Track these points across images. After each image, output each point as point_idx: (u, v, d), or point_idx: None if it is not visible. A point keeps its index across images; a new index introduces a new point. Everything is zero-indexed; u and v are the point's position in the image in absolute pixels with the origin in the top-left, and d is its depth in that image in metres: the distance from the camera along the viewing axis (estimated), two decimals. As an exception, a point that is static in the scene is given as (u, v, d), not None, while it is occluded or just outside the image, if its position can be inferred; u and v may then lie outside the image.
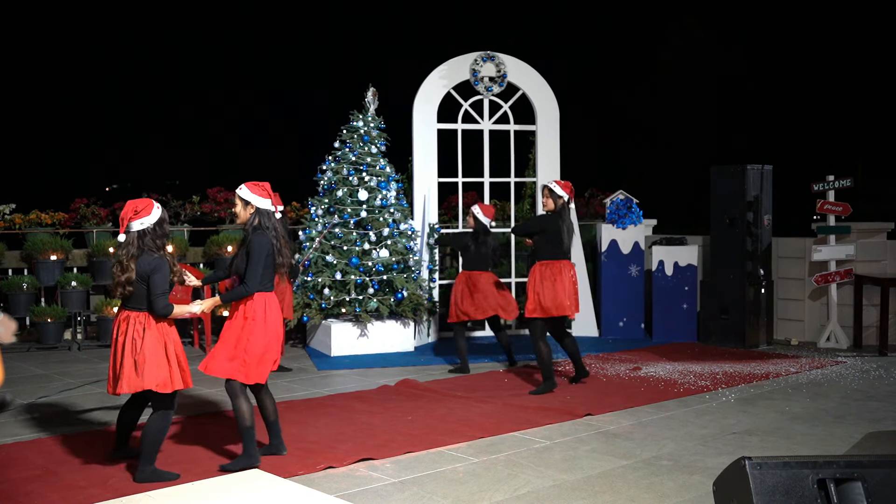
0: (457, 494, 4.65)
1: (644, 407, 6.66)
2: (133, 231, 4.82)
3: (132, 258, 4.78)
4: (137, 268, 4.76)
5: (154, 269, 4.77)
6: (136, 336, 4.77)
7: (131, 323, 4.80)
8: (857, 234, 9.71)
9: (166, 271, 4.83)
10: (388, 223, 9.14)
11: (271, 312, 5.09)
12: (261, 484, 4.08)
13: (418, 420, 6.22)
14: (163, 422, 4.91)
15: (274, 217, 5.15)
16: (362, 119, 9.42)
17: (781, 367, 8.19)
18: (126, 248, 4.81)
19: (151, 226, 4.84)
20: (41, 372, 8.14)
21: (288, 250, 5.23)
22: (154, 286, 4.75)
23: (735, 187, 9.50)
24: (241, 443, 5.14)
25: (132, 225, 4.83)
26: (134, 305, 4.83)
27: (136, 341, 4.76)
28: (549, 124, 10.40)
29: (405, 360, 8.67)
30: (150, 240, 4.82)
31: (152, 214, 4.85)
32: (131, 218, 4.84)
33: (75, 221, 10.44)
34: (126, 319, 4.83)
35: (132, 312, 4.83)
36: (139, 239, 4.81)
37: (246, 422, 5.04)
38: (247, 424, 5.04)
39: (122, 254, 4.81)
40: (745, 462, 2.68)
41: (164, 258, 4.85)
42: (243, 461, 5.00)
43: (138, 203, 4.88)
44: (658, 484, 4.81)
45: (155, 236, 4.85)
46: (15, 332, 3.81)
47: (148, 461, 4.85)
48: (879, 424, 6.12)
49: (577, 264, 10.19)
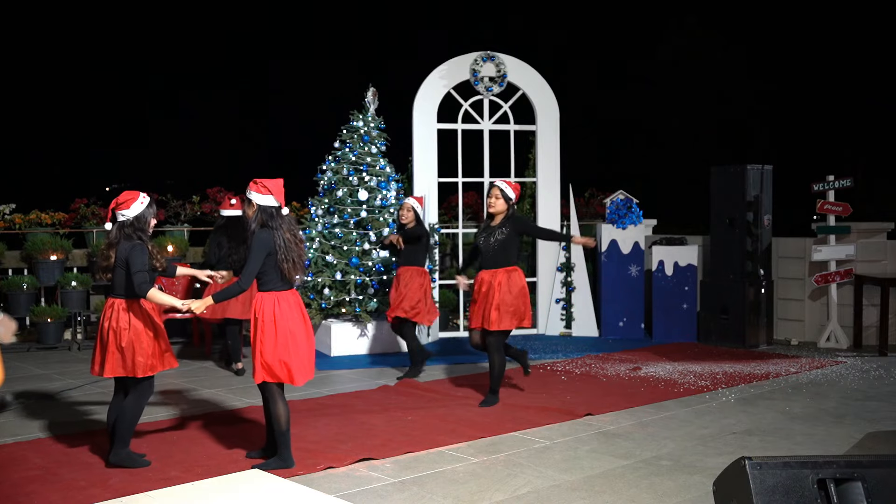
0: (457, 494, 4.65)
1: (644, 407, 6.66)
2: (117, 221, 5.13)
3: (111, 246, 5.09)
4: (116, 254, 5.05)
5: (130, 251, 5.00)
6: (121, 323, 5.02)
7: (115, 309, 5.07)
8: (857, 234, 9.71)
9: (144, 253, 5.02)
10: (388, 223, 9.14)
11: (283, 312, 4.97)
12: (261, 484, 4.08)
13: (418, 420, 6.22)
14: (140, 403, 5.14)
15: (282, 215, 5.05)
16: (362, 119, 9.42)
17: (781, 367, 8.19)
18: (107, 237, 5.16)
19: (131, 218, 5.10)
20: (41, 372, 8.14)
21: (300, 250, 5.10)
22: (132, 265, 4.97)
23: (735, 187, 9.51)
24: (240, 442, 5.13)
25: (116, 215, 5.13)
26: (117, 292, 5.10)
27: (122, 330, 5.01)
28: (549, 124, 10.40)
29: (405, 361, 8.67)
30: (129, 230, 5.08)
31: (132, 208, 5.11)
32: (115, 209, 5.14)
33: (75, 221, 10.44)
34: (111, 306, 5.10)
35: (116, 299, 5.10)
36: (119, 229, 5.10)
37: (281, 426, 5.02)
38: (282, 429, 5.02)
39: (104, 242, 5.19)
40: (745, 462, 2.68)
41: (142, 244, 5.06)
42: (276, 463, 5.02)
43: (124, 195, 5.16)
44: (658, 484, 4.81)
45: (134, 228, 5.09)
46: (15, 332, 3.82)
47: (123, 443, 5.06)
48: (879, 424, 6.12)
49: (577, 264, 10.24)
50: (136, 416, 5.14)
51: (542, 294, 10.38)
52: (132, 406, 5.10)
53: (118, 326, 5.01)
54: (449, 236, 11.00)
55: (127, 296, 5.06)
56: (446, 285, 10.58)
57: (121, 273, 5.04)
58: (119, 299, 5.08)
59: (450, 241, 11.18)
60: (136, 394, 5.11)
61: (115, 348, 5.01)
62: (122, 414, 5.08)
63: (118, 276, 5.06)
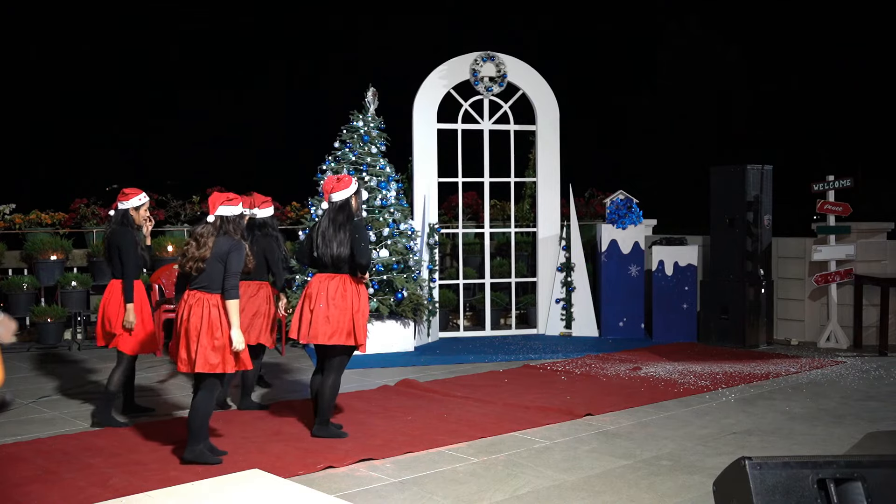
0: (457, 494, 4.65)
1: (644, 407, 6.67)
2: (218, 215, 5.15)
3: (210, 235, 5.11)
4: (214, 248, 5.07)
5: (233, 249, 5.08)
6: (213, 319, 5.02)
7: (206, 304, 5.05)
8: (857, 234, 9.71)
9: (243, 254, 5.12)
10: (388, 223, 9.14)
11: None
12: (261, 484, 4.08)
13: (418, 420, 6.22)
14: (212, 398, 5.19)
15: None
16: (362, 119, 9.42)
17: (781, 367, 8.19)
18: (205, 228, 5.15)
19: (234, 216, 5.19)
20: (41, 372, 8.14)
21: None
22: (231, 265, 5.06)
23: (735, 187, 9.51)
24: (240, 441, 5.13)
25: (220, 209, 5.15)
26: (205, 286, 5.08)
27: (215, 325, 5.02)
28: (549, 124, 10.40)
29: (405, 360, 8.67)
30: (231, 227, 5.17)
31: (238, 207, 5.19)
32: (223, 203, 5.17)
33: (75, 221, 10.44)
34: (200, 301, 5.07)
35: (204, 294, 5.08)
36: (222, 224, 5.15)
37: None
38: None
39: (200, 232, 5.16)
40: (745, 462, 2.68)
41: (243, 246, 5.15)
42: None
43: (229, 194, 5.25)
44: (658, 484, 4.81)
45: (235, 225, 5.19)
46: (15, 332, 3.81)
47: (198, 440, 5.11)
48: (879, 424, 6.12)
49: (577, 264, 10.23)
50: (210, 412, 5.20)
51: (542, 294, 10.38)
52: (206, 401, 5.15)
53: (210, 321, 5.02)
54: (449, 236, 11.00)
55: (217, 291, 5.08)
56: (446, 285, 10.58)
57: (219, 268, 5.05)
58: (209, 294, 5.07)
59: (450, 241, 11.18)
60: (207, 390, 5.15)
61: (211, 343, 5.01)
62: (194, 410, 5.13)
63: (212, 269, 5.05)
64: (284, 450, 5.44)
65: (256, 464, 4.96)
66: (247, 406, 6.59)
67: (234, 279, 5.06)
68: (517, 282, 10.70)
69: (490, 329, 10.43)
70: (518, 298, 10.89)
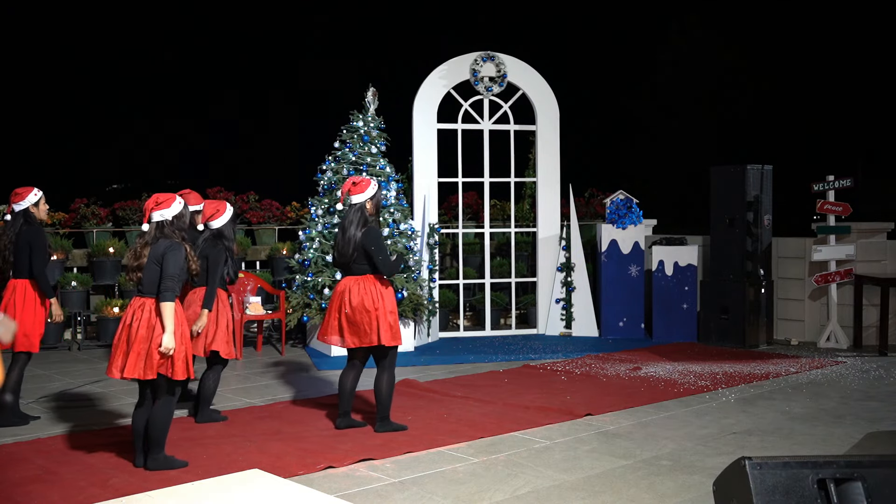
0: (457, 494, 4.65)
1: (644, 407, 6.67)
2: (153, 221, 5.05)
3: (146, 245, 5.00)
4: (150, 253, 4.97)
5: (168, 251, 4.97)
6: (151, 321, 4.92)
7: (146, 310, 4.94)
8: (857, 234, 9.71)
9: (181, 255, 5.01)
10: (388, 223, 9.14)
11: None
12: (261, 484, 4.08)
13: (418, 420, 6.22)
14: (171, 407, 5.09)
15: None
16: (362, 119, 9.43)
17: (781, 367, 8.19)
18: (143, 237, 5.05)
19: (171, 218, 5.07)
20: (41, 372, 8.14)
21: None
22: (167, 267, 4.94)
23: (735, 187, 9.51)
24: (240, 441, 5.12)
25: (153, 216, 5.06)
26: (148, 292, 5.00)
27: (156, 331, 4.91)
28: (549, 124, 10.40)
29: (405, 360, 8.66)
30: (169, 229, 5.05)
31: (172, 207, 5.07)
32: (153, 209, 5.07)
33: (75, 221, 10.44)
34: (142, 306, 4.97)
35: (147, 299, 5.00)
36: (157, 229, 5.04)
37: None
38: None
39: (139, 242, 5.06)
40: (745, 462, 2.68)
41: (179, 244, 5.03)
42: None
43: (160, 196, 5.13)
44: (658, 484, 4.81)
45: (174, 227, 5.07)
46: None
47: (159, 448, 5.03)
48: (879, 424, 6.12)
49: (577, 264, 10.23)
50: (169, 420, 5.07)
51: (542, 294, 10.38)
52: (164, 409, 5.02)
53: (149, 327, 4.88)
54: (449, 236, 11.00)
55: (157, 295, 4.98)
56: (446, 285, 10.58)
57: (157, 271, 4.93)
58: (151, 299, 4.95)
59: (450, 241, 11.18)
60: (167, 398, 5.03)
61: (143, 350, 4.87)
62: (154, 421, 5.00)
63: (154, 274, 4.94)
64: (284, 450, 5.44)
65: (256, 464, 4.96)
66: (206, 418, 6.17)
67: (170, 281, 4.89)
68: (517, 282, 10.70)
69: (490, 329, 10.43)
70: (518, 298, 10.89)
